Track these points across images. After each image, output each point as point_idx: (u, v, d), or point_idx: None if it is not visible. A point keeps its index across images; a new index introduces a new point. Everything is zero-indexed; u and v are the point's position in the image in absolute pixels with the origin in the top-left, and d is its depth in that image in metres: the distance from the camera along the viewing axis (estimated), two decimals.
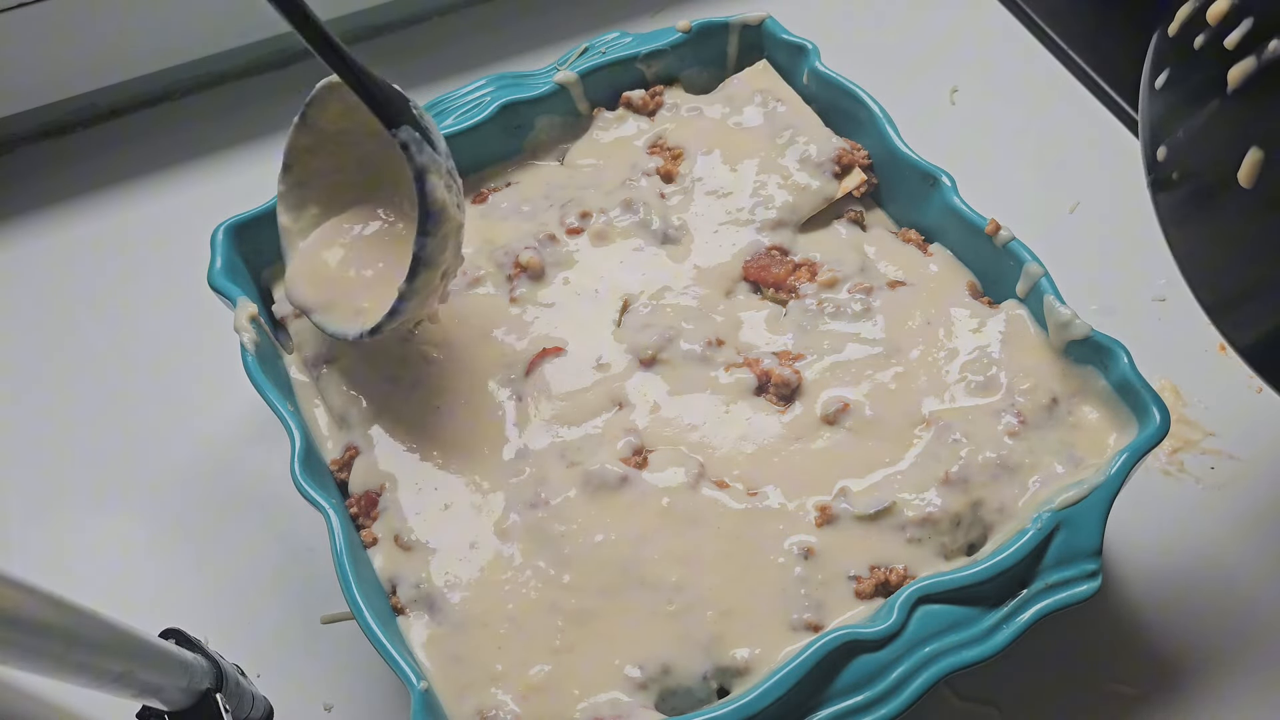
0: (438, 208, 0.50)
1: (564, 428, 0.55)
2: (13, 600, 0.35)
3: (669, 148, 0.65)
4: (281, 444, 0.53)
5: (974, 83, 0.80)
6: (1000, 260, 0.57)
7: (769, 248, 0.60)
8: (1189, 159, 0.45)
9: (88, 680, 0.40)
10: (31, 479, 0.64)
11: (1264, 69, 0.40)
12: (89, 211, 0.76)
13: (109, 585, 0.58)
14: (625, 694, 0.47)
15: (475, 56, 0.81)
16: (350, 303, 0.54)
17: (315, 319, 0.54)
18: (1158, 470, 0.61)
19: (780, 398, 0.55)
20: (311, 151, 0.55)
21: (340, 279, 0.55)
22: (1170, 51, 0.47)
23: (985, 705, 0.54)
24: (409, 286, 0.50)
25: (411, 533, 0.52)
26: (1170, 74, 0.47)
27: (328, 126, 0.54)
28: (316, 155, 0.55)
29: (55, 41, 0.72)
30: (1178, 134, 0.46)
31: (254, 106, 0.80)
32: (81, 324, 0.70)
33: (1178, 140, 0.46)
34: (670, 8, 0.85)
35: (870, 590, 0.49)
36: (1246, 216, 0.42)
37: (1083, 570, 0.48)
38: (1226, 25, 0.42)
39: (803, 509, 0.51)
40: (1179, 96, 0.46)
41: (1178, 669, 0.55)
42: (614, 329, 0.58)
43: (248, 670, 0.53)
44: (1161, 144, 0.46)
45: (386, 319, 0.51)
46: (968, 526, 0.51)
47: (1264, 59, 0.40)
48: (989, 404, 0.54)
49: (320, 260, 0.55)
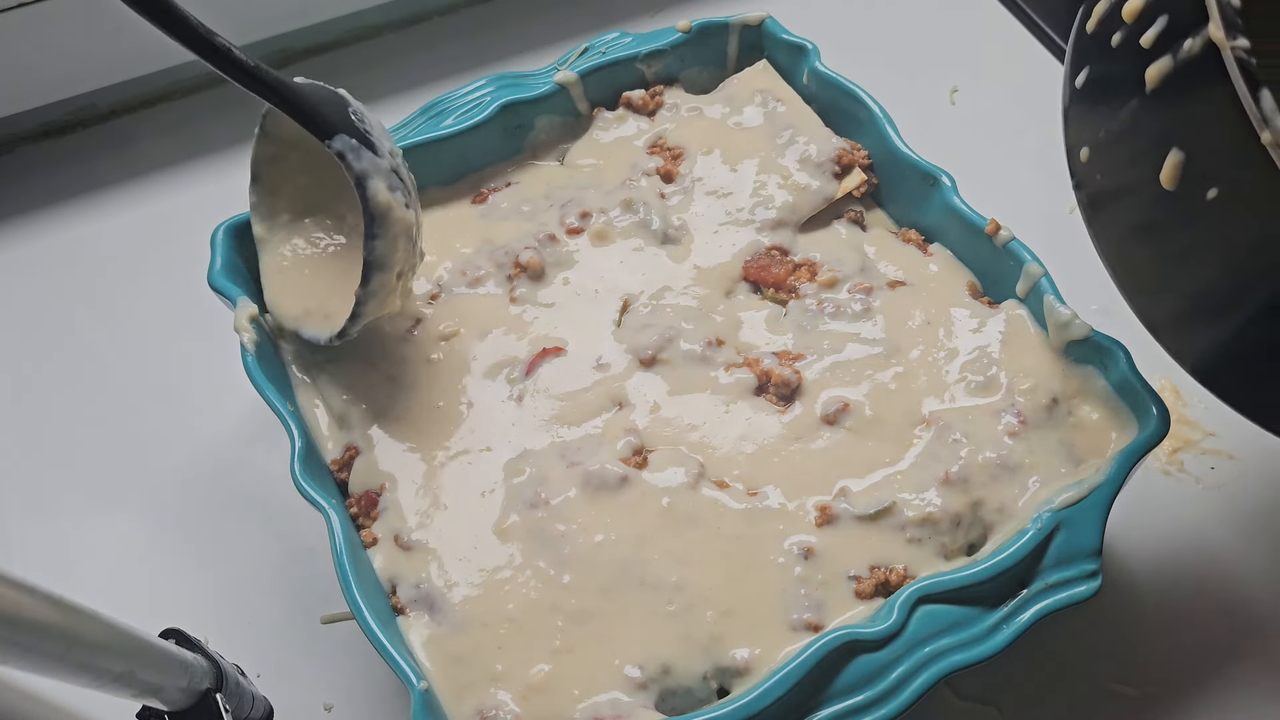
0: (381, 210, 0.50)
1: (564, 428, 0.55)
2: (13, 600, 0.35)
3: (669, 148, 0.65)
4: (281, 444, 0.53)
5: (974, 83, 0.80)
6: (1000, 260, 0.57)
7: (769, 248, 0.60)
8: (1111, 159, 0.44)
9: (88, 680, 0.40)
10: (31, 479, 0.64)
11: (1180, 68, 0.39)
12: (89, 211, 0.75)
13: (109, 585, 0.58)
14: (625, 694, 0.47)
15: (475, 56, 0.81)
16: (321, 308, 0.55)
17: (288, 326, 0.55)
18: (1158, 470, 0.61)
19: (780, 398, 0.55)
20: (276, 160, 0.55)
21: (311, 285, 0.55)
22: (1090, 48, 0.45)
23: (985, 705, 0.54)
24: (364, 290, 0.51)
25: (411, 533, 0.52)
26: (1090, 72, 0.45)
27: (287, 135, 0.54)
28: (281, 163, 0.56)
29: (55, 41, 0.72)
30: (1099, 135, 0.44)
31: (254, 107, 0.79)
32: (81, 324, 0.70)
33: (1100, 141, 0.44)
34: (670, 8, 0.85)
35: (870, 590, 0.49)
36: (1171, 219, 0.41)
37: (1083, 570, 0.48)
38: (1142, 23, 0.41)
39: (803, 509, 0.51)
40: (1099, 96, 0.45)
41: (1178, 669, 0.55)
42: (614, 329, 0.58)
43: (248, 670, 0.53)
44: (1084, 144, 0.45)
45: (349, 323, 0.52)
46: (968, 526, 0.51)
47: (1180, 58, 0.39)
48: (989, 404, 0.54)
49: (290, 268, 0.56)
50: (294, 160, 0.55)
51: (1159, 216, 0.42)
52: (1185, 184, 0.39)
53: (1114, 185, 0.44)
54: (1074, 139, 0.46)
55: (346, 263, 0.55)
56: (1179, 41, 0.39)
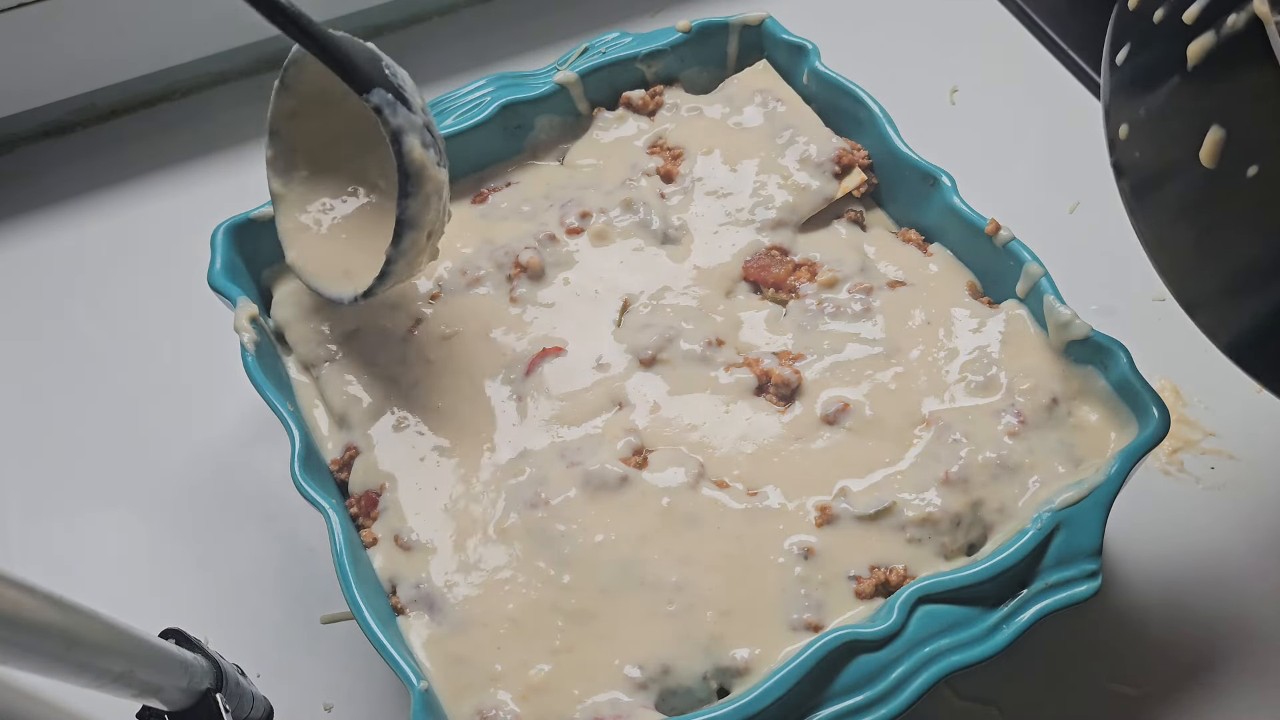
0: (416, 168, 0.49)
1: (564, 428, 0.55)
2: (13, 600, 0.35)
3: (669, 148, 0.65)
4: (281, 444, 0.53)
5: (974, 83, 0.80)
6: (1000, 260, 0.57)
7: (769, 248, 0.60)
8: (1150, 137, 0.44)
9: (88, 680, 0.40)
10: (31, 479, 0.64)
11: (1223, 44, 0.39)
12: (89, 211, 0.75)
13: (109, 585, 0.58)
14: (625, 694, 0.47)
15: (475, 56, 0.81)
16: (340, 265, 0.54)
17: (311, 284, 0.54)
18: (1158, 470, 0.61)
19: (780, 398, 0.55)
20: (295, 115, 0.55)
21: (331, 243, 0.54)
22: (1131, 25, 0.45)
23: (985, 705, 0.54)
24: (395, 249, 0.50)
25: (411, 533, 0.52)
26: (1131, 48, 0.45)
27: (308, 88, 0.54)
28: (301, 118, 0.55)
29: (55, 41, 0.72)
30: (1139, 111, 0.44)
31: (254, 106, 0.80)
32: (81, 324, 0.70)
33: (1139, 118, 0.44)
34: (670, 8, 0.85)
35: (870, 590, 0.49)
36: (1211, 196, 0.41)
37: (1083, 570, 0.48)
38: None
39: (803, 509, 0.51)
40: (1140, 72, 0.45)
41: (1178, 669, 0.55)
42: (614, 329, 0.58)
43: (248, 670, 0.53)
44: (1123, 122, 0.45)
45: (377, 282, 0.51)
46: (968, 526, 0.51)
47: (1223, 34, 0.39)
48: (989, 404, 0.54)
49: (311, 224, 0.55)
50: (314, 115, 0.55)
51: (1199, 194, 0.42)
52: (1226, 161, 0.39)
53: (1153, 162, 0.44)
54: (1113, 116, 0.46)
55: (367, 221, 0.54)
56: (1223, 17, 0.39)
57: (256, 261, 0.60)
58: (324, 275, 0.55)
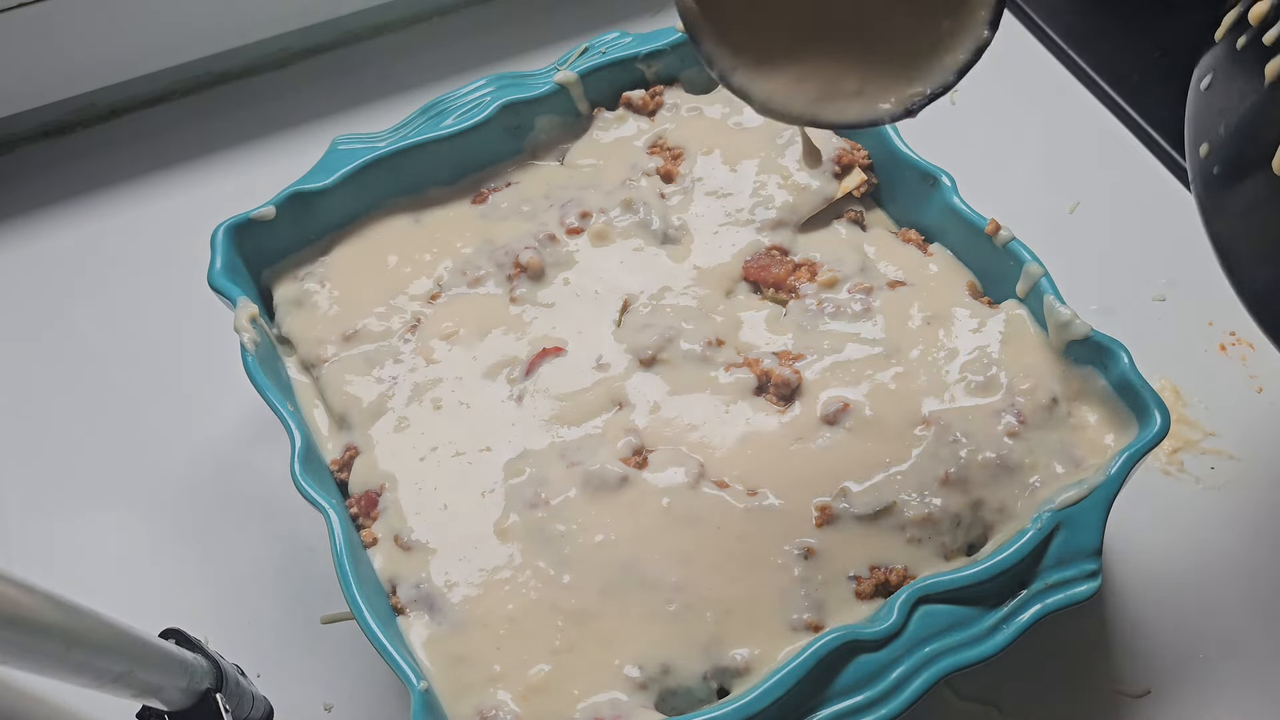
0: None
1: (564, 428, 0.55)
2: (13, 600, 0.35)
3: (669, 148, 0.65)
4: (281, 444, 0.53)
5: (974, 83, 0.80)
6: (1000, 260, 0.57)
7: (769, 248, 0.60)
8: (1228, 152, 0.46)
9: (88, 680, 0.40)
10: (31, 479, 0.64)
11: None
12: (89, 211, 0.75)
13: (109, 585, 0.58)
14: (625, 694, 0.47)
15: (475, 56, 0.81)
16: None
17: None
18: (1158, 470, 0.61)
19: (780, 398, 0.55)
20: None
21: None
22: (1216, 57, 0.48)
23: (985, 705, 0.54)
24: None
25: (411, 533, 0.52)
26: (1214, 77, 0.47)
27: None
28: None
29: (55, 41, 0.72)
30: (1219, 130, 0.46)
31: (254, 106, 0.80)
32: (81, 324, 0.70)
33: (1218, 136, 0.46)
34: (670, 7, 0.85)
35: (870, 590, 0.49)
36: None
37: (1083, 570, 0.48)
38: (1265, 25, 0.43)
39: (803, 509, 0.51)
40: (1221, 96, 0.47)
41: (1178, 669, 0.55)
42: (614, 329, 0.58)
43: (248, 670, 0.53)
44: (1204, 141, 0.47)
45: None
46: (968, 526, 0.51)
47: None
48: (989, 404, 0.54)
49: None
50: None
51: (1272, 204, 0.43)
52: None
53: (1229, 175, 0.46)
54: (1194, 136, 0.49)
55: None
56: None
57: (256, 261, 0.60)
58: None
